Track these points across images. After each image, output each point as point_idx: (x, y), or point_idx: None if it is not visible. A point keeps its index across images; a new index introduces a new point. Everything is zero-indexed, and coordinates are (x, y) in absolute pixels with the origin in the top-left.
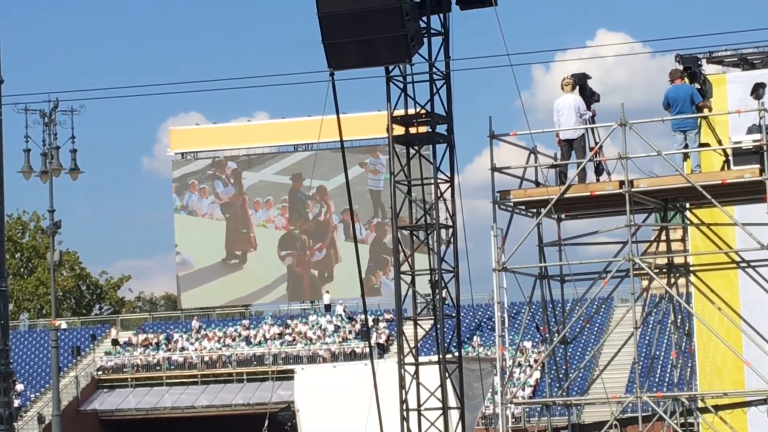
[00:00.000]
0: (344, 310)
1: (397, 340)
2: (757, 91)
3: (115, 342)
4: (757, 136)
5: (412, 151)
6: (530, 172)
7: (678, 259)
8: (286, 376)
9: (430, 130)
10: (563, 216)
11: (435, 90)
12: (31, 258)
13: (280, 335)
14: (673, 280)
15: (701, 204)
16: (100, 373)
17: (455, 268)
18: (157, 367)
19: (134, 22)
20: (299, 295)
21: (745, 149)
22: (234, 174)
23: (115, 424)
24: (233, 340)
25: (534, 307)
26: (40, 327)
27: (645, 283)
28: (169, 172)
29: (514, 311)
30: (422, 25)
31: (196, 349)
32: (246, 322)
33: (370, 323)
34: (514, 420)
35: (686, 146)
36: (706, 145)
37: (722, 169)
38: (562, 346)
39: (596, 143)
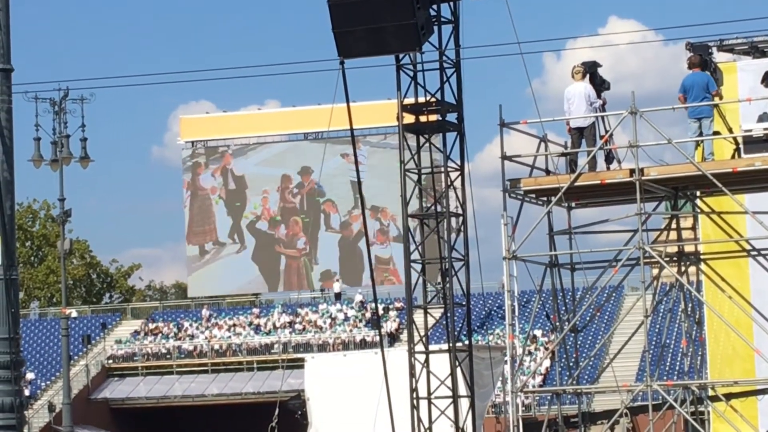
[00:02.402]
0: (362, 299)
1: (408, 329)
2: (767, 79)
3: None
4: None
5: (422, 140)
6: (540, 161)
7: (688, 248)
8: (297, 364)
9: (440, 118)
10: (573, 204)
11: (445, 78)
12: (42, 246)
13: (291, 324)
14: (683, 269)
15: (712, 192)
16: (110, 361)
17: (465, 257)
18: (168, 356)
19: (145, 10)
20: (279, 285)
21: (755, 137)
22: (220, 164)
23: (126, 413)
24: (243, 328)
25: (544, 295)
26: (51, 315)
27: (655, 271)
28: (179, 160)
29: (525, 300)
30: (432, 13)
31: (206, 338)
32: (256, 310)
33: (380, 312)
34: (524, 408)
35: (701, 134)
36: (717, 133)
37: (733, 157)
38: (573, 335)
39: (607, 131)
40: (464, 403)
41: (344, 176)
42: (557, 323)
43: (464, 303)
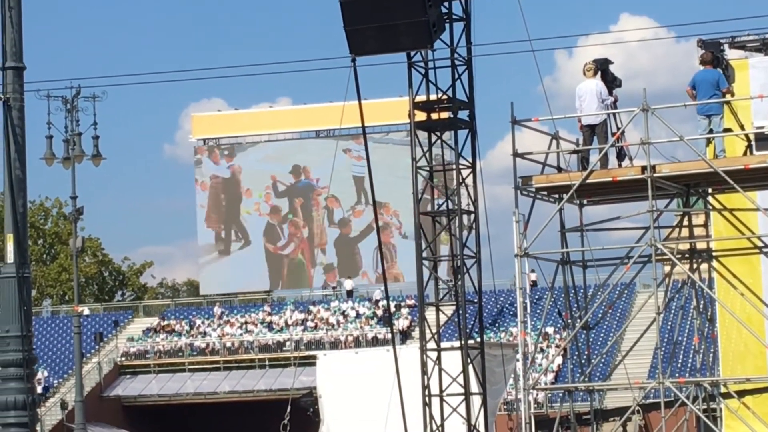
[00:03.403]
0: (380, 297)
1: (419, 326)
2: None
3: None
4: None
5: (433, 137)
6: (552, 158)
7: (700, 245)
8: (309, 362)
9: (451, 115)
10: (585, 201)
11: (457, 76)
12: (54, 244)
13: (303, 321)
14: (695, 266)
15: (723, 189)
16: (122, 359)
17: (477, 254)
18: (180, 353)
19: (157, 8)
20: (282, 282)
21: (767, 134)
22: (221, 160)
23: (138, 410)
24: (255, 326)
25: (556, 292)
26: (63, 313)
27: (667, 268)
28: (191, 158)
29: (536, 297)
30: (444, 10)
31: (218, 335)
32: (268, 308)
33: (392, 309)
34: (536, 405)
35: (711, 131)
36: (729, 130)
37: (744, 154)
38: (585, 332)
39: (618, 128)
40: (476, 401)
41: (347, 172)
42: (569, 320)
43: (476, 300)
